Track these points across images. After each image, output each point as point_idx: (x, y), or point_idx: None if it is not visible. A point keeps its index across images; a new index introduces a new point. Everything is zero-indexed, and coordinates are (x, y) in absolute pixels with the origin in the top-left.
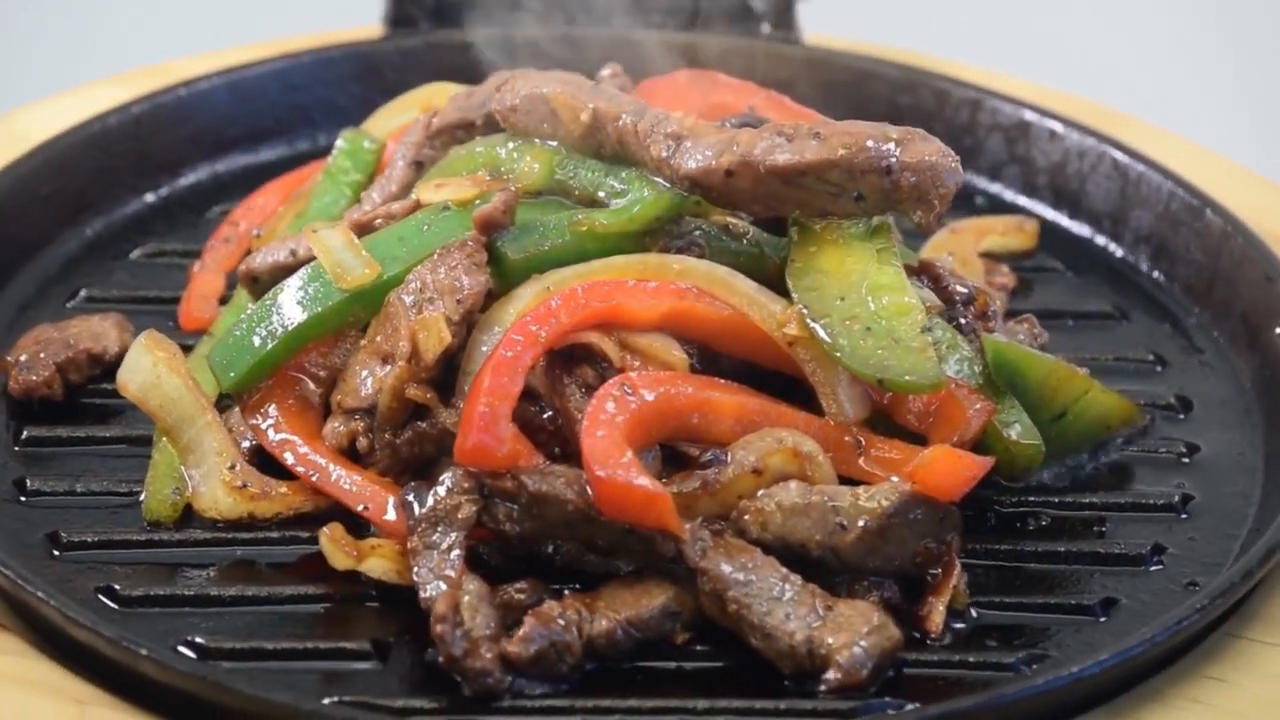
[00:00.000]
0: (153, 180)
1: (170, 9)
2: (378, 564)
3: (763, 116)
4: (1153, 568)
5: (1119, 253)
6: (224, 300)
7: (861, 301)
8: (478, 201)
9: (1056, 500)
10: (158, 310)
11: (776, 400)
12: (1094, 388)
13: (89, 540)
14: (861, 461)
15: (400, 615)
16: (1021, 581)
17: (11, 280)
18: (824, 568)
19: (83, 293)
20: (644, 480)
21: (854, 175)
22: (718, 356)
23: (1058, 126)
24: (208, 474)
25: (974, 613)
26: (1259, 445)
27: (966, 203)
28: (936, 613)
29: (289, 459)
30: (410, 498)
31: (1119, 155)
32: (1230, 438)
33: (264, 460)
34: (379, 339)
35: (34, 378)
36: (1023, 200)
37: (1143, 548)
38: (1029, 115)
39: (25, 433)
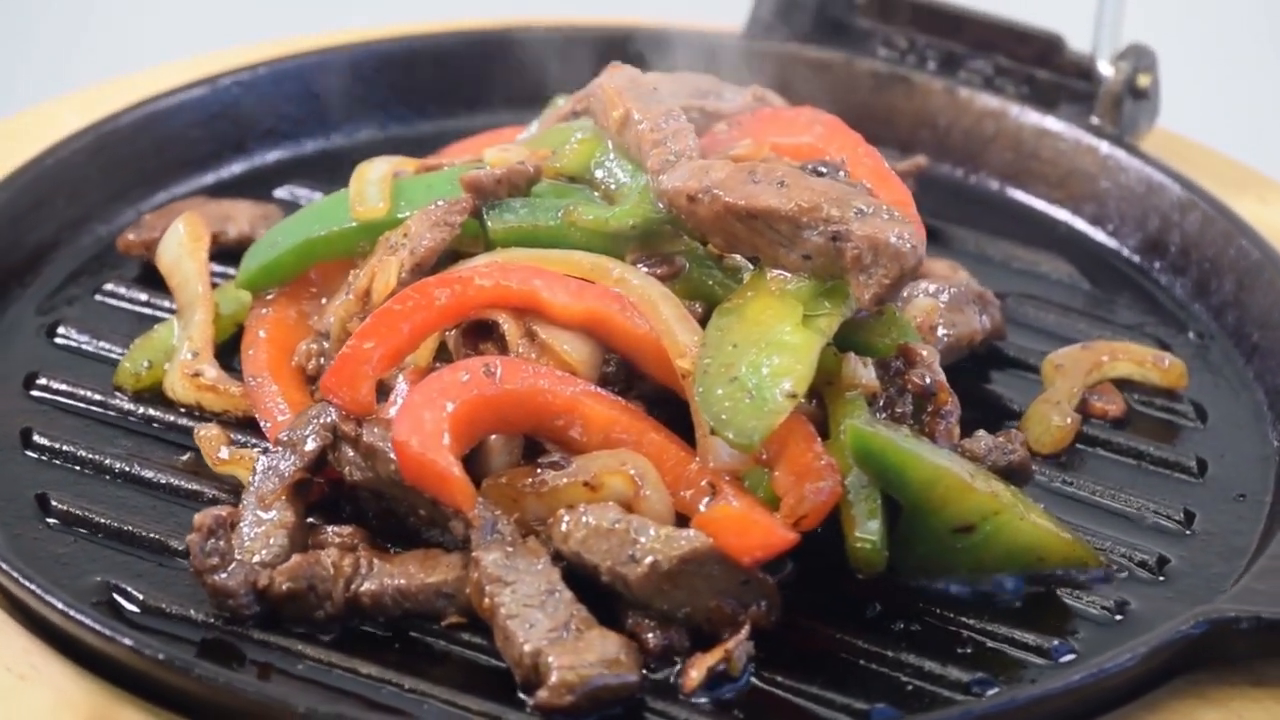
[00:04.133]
0: (451, 112)
1: None
2: (242, 474)
3: (841, 167)
4: (965, 696)
5: (1267, 422)
6: None
7: (749, 353)
8: None
9: (939, 611)
10: None
11: (660, 426)
12: (1006, 512)
13: (54, 386)
14: (702, 506)
15: None
16: (832, 672)
17: (240, 162)
18: (619, 597)
19: (286, 188)
20: (439, 456)
21: (800, 231)
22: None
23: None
24: (176, 357)
25: (751, 683)
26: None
27: (1179, 333)
28: (695, 670)
29: (244, 359)
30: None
31: None
32: (1170, 609)
33: None
34: (359, 272)
35: (132, 237)
36: (1233, 348)
37: (967, 678)
38: (1258, 256)
39: (108, 285)
